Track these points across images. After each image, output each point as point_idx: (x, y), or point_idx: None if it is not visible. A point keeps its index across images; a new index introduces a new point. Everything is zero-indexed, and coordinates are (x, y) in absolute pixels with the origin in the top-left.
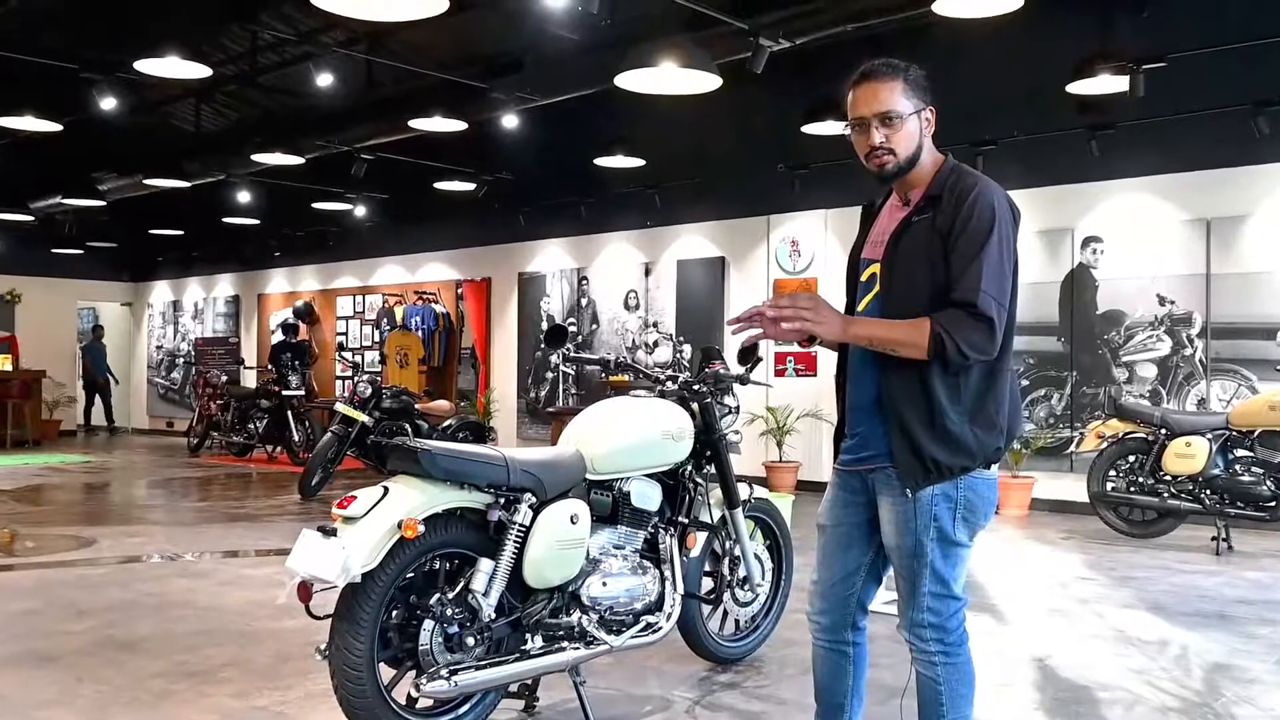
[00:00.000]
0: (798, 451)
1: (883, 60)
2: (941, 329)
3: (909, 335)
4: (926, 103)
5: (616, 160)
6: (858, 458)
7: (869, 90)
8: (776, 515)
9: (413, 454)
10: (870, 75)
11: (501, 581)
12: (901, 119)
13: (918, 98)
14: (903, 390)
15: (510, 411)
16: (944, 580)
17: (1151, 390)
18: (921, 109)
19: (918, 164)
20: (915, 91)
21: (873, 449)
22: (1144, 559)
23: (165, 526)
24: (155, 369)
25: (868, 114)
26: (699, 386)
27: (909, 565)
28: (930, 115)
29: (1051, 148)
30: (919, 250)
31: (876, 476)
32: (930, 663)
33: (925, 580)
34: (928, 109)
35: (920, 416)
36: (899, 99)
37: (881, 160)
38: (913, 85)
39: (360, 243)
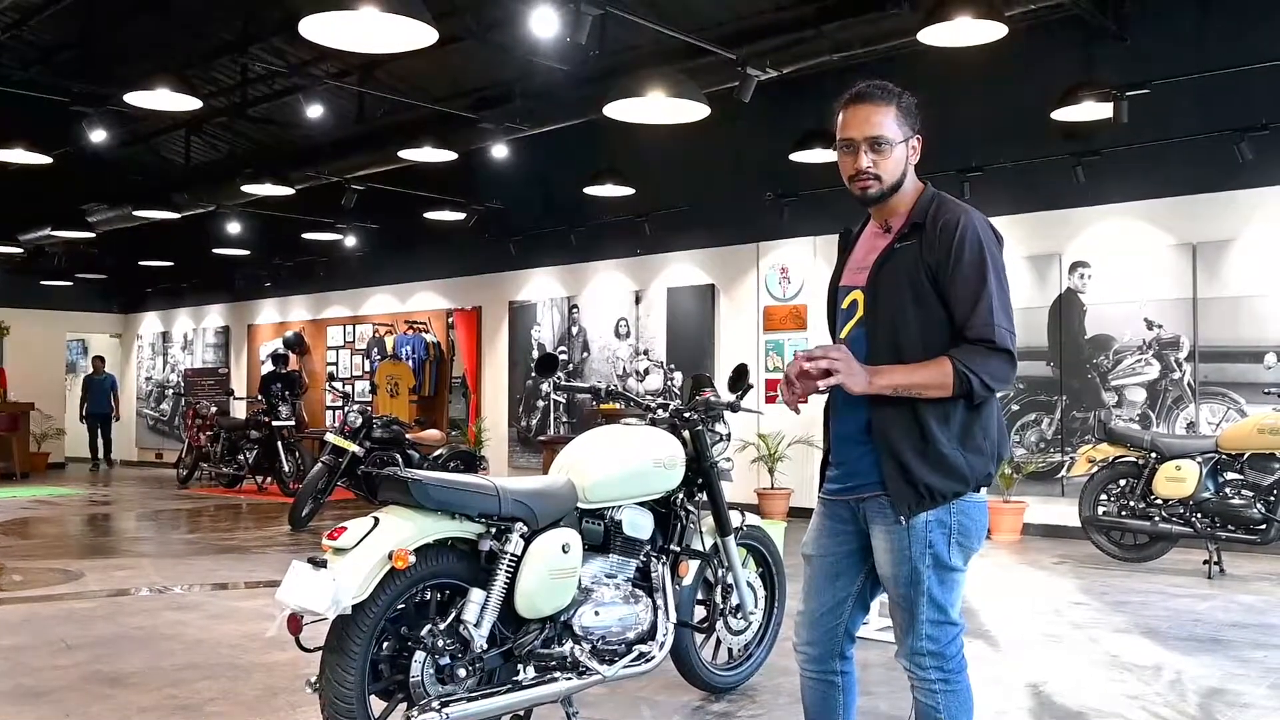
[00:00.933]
0: (789, 478)
1: (877, 83)
2: (964, 367)
3: (934, 377)
4: (915, 130)
5: (606, 189)
6: (845, 486)
7: (862, 112)
8: (769, 542)
9: (404, 484)
10: (864, 97)
11: (493, 612)
12: (891, 145)
13: (908, 125)
14: (894, 418)
15: (501, 440)
16: (941, 607)
17: (1141, 414)
18: (910, 137)
19: (899, 191)
20: (907, 119)
21: (861, 477)
22: (1137, 583)
23: (154, 559)
24: (144, 400)
25: (857, 136)
26: (690, 414)
27: (906, 594)
28: (916, 144)
29: (1038, 174)
30: (903, 277)
31: (868, 506)
32: (930, 690)
33: (923, 608)
34: (915, 137)
35: (912, 443)
36: (890, 125)
37: (866, 184)
38: (905, 112)
39: (350, 273)
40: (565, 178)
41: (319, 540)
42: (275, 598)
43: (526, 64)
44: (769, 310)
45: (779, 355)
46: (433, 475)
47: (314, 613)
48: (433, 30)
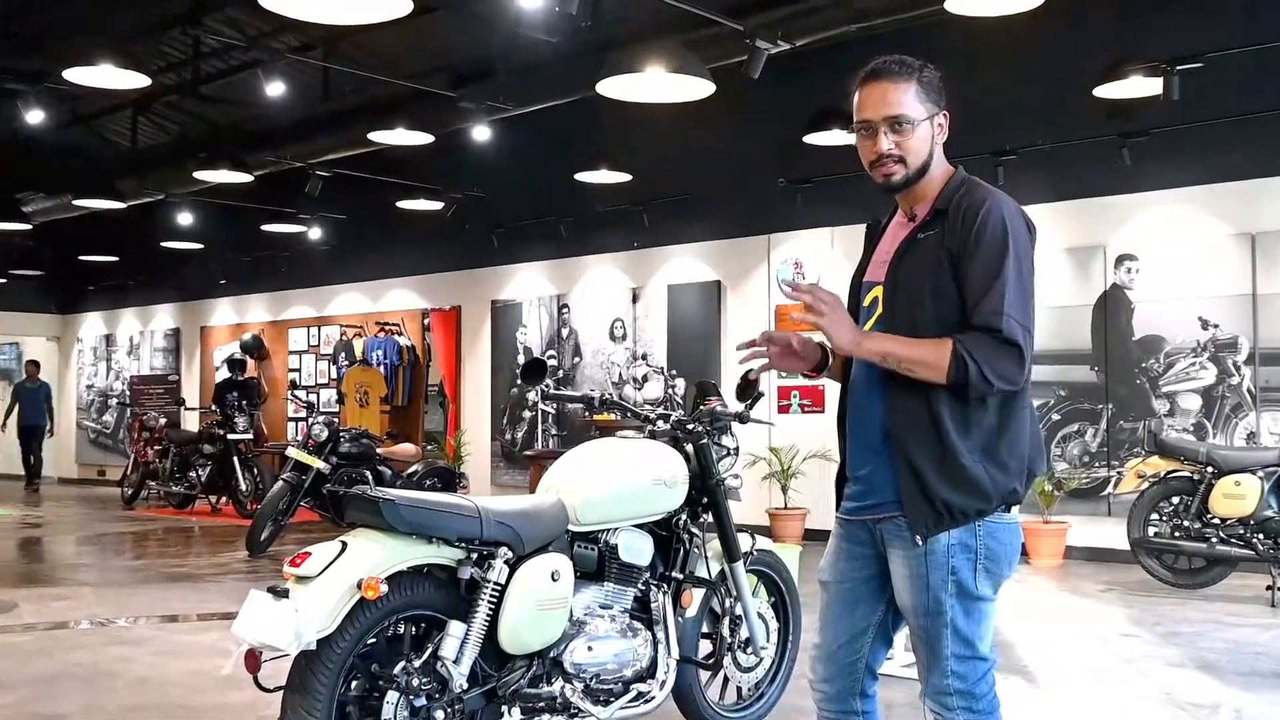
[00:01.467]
0: (804, 497)
1: (895, 57)
2: (965, 351)
3: (928, 355)
4: (940, 107)
5: (600, 175)
6: (863, 505)
7: (878, 90)
8: (782, 569)
9: (374, 504)
10: (880, 74)
11: (474, 647)
12: (913, 125)
13: (931, 101)
14: (910, 425)
15: (483, 455)
16: (968, 640)
17: (1196, 423)
18: (935, 114)
19: (927, 175)
20: (929, 94)
21: (879, 495)
22: (1192, 612)
23: (96, 588)
24: (85, 411)
25: (875, 117)
26: (694, 426)
27: (927, 626)
28: (943, 121)
29: (1079, 158)
30: (923, 270)
31: (884, 527)
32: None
33: (947, 641)
34: (941, 114)
35: (930, 454)
36: (911, 102)
37: (889, 170)
38: (926, 87)
39: (315, 269)
40: (554, 163)
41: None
42: (231, 631)
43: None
44: (781, 310)
45: None
46: (407, 494)
47: (274, 648)
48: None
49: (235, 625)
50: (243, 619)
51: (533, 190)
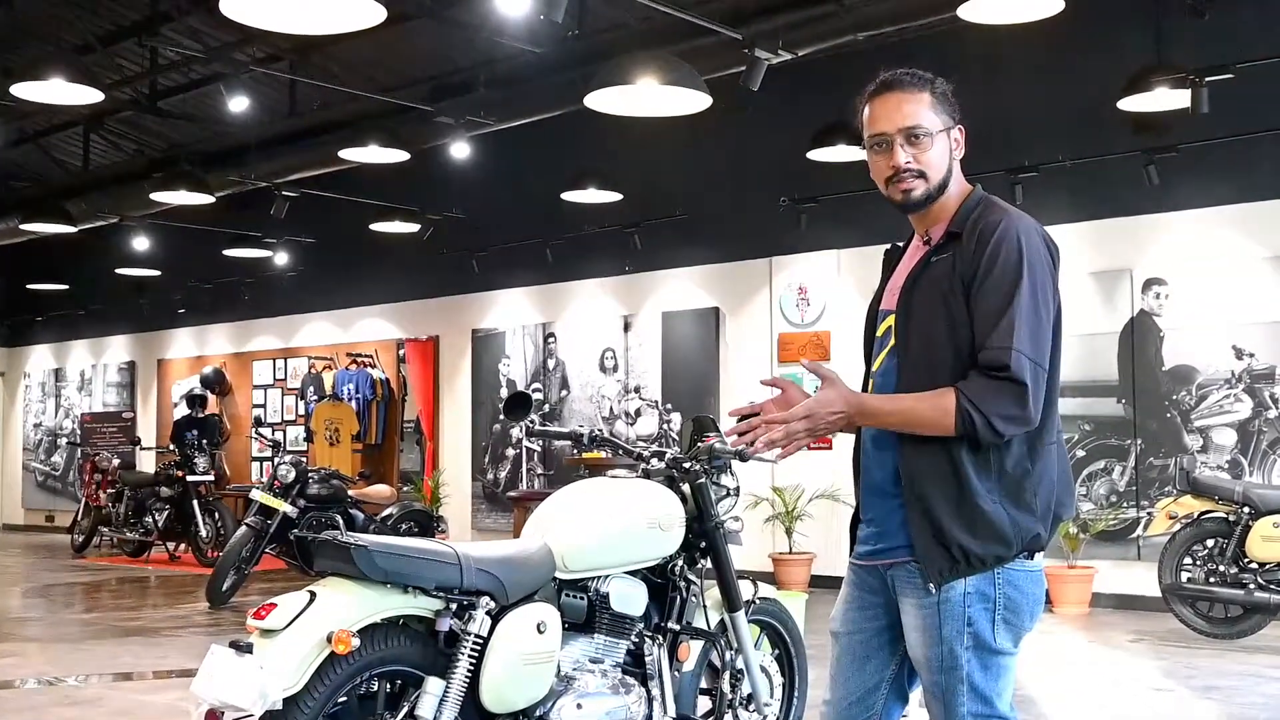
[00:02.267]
0: (811, 540)
1: (905, 69)
2: (969, 402)
3: (930, 413)
4: (955, 120)
5: (589, 195)
6: (874, 549)
7: (891, 102)
8: (786, 619)
9: (345, 551)
10: (892, 85)
11: (454, 706)
12: (930, 136)
13: (947, 113)
14: (924, 464)
15: (464, 497)
16: (985, 697)
17: (1231, 460)
18: (951, 127)
19: (945, 193)
20: (944, 106)
21: (891, 539)
22: (1229, 664)
23: (43, 644)
24: (33, 452)
25: (890, 130)
26: (691, 464)
27: (941, 681)
28: (960, 135)
29: (1103, 174)
30: (935, 297)
31: (896, 573)
32: None
33: (963, 699)
34: (957, 127)
35: (946, 495)
36: (927, 113)
37: (908, 185)
38: (941, 99)
39: (282, 296)
40: (539, 182)
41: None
42: (190, 690)
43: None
44: (785, 338)
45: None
46: (381, 540)
47: (237, 708)
48: (380, 7)
49: (195, 684)
50: (203, 677)
51: (516, 211)
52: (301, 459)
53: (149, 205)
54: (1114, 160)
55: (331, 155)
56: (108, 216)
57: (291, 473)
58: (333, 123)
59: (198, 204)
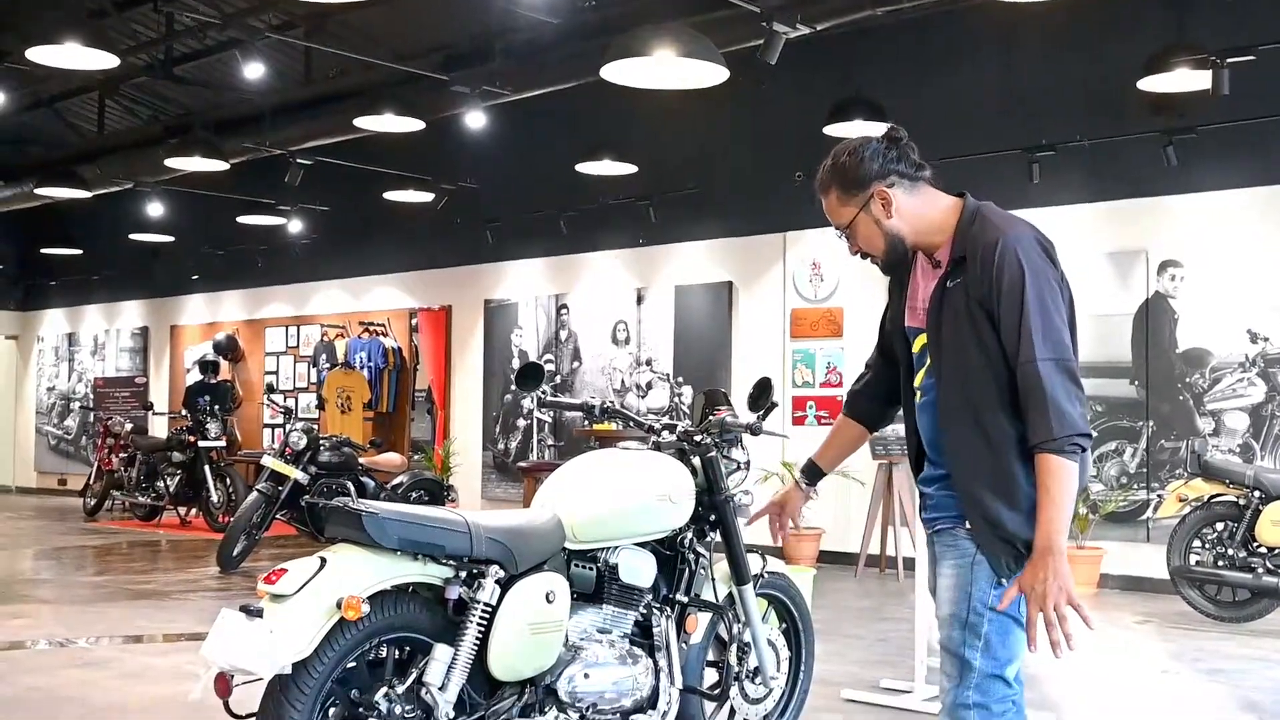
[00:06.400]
0: (820, 516)
1: (823, 166)
2: (1058, 445)
3: (1063, 488)
4: (869, 185)
5: (603, 166)
6: (926, 519)
7: (823, 204)
8: (794, 593)
9: (356, 518)
10: (816, 189)
11: (462, 673)
12: (848, 226)
13: (857, 189)
14: (978, 474)
15: (474, 467)
16: (998, 659)
17: (1242, 444)
18: (866, 199)
19: (915, 232)
20: (850, 185)
21: (941, 510)
22: (1236, 647)
23: (55, 605)
24: (46, 415)
25: (833, 227)
26: (701, 437)
27: (959, 638)
28: (884, 192)
29: (1120, 155)
30: (960, 321)
31: (940, 537)
32: None
33: (977, 657)
34: (874, 190)
35: (1004, 500)
36: (838, 209)
37: (873, 260)
38: (845, 183)
39: (295, 264)
40: (554, 153)
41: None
42: (200, 654)
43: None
44: (797, 313)
45: (809, 367)
46: (391, 508)
47: (246, 672)
48: None
49: (205, 647)
50: (213, 640)
51: (530, 182)
52: (313, 426)
53: (163, 171)
54: (1132, 141)
55: (346, 123)
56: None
57: (303, 440)
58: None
59: (212, 170)
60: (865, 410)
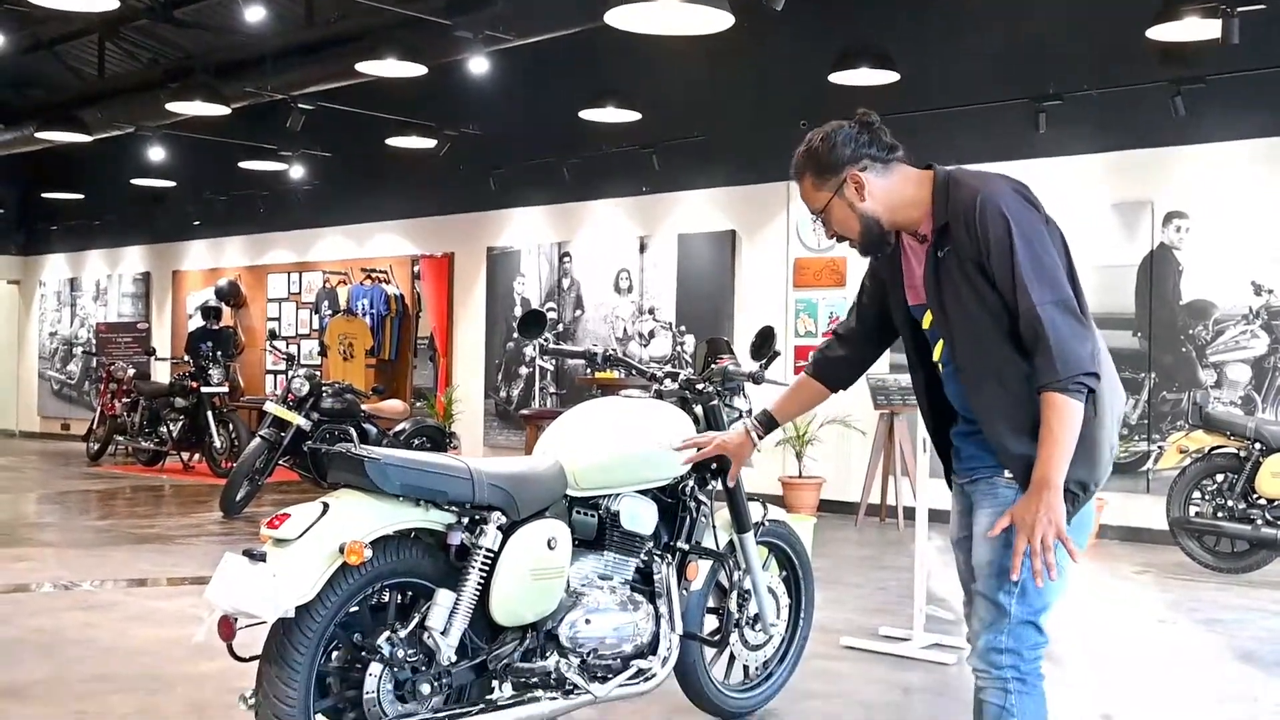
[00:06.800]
0: (821, 466)
1: (797, 151)
2: (1063, 384)
3: (1065, 426)
4: (841, 169)
5: (606, 114)
6: (959, 469)
7: (799, 189)
8: (795, 542)
9: (359, 464)
10: (792, 175)
11: (464, 618)
12: (823, 211)
13: (829, 175)
14: (1009, 424)
15: (476, 414)
16: (1033, 607)
17: (1244, 396)
18: (839, 184)
19: (890, 211)
20: (823, 170)
21: (971, 462)
22: (1233, 598)
23: (59, 549)
24: (48, 360)
25: (809, 211)
26: (704, 386)
27: (995, 585)
28: (856, 176)
29: (1128, 105)
30: (959, 288)
31: (976, 487)
32: (1003, 690)
33: (1013, 603)
34: (847, 174)
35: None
36: (812, 194)
37: (850, 244)
38: (819, 168)
39: (297, 210)
40: (557, 99)
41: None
42: (204, 597)
43: None
44: (801, 263)
45: (811, 317)
46: (394, 453)
47: (250, 615)
48: None
49: (208, 590)
50: (216, 584)
51: (533, 129)
52: (315, 373)
53: (164, 115)
54: (1140, 90)
55: (348, 68)
56: (123, 126)
57: (305, 386)
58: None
59: (213, 115)
60: (830, 374)
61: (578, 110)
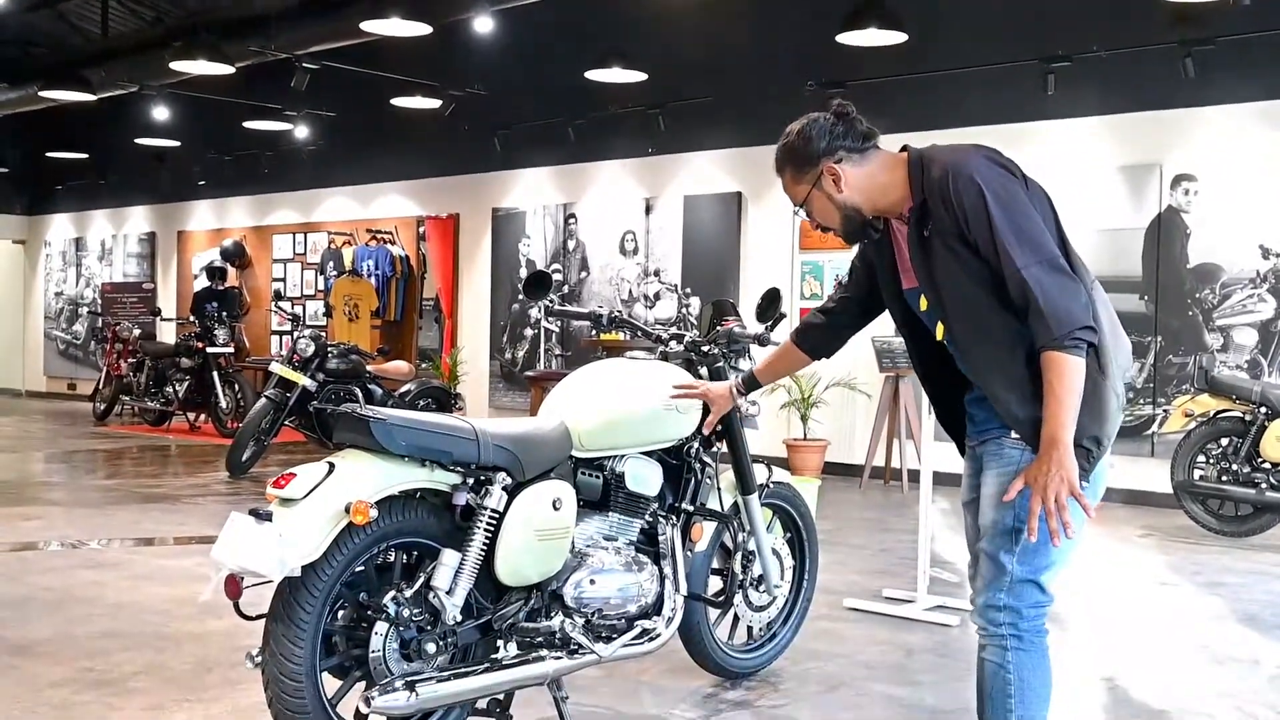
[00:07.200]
0: (826, 428)
1: (778, 145)
2: (1059, 340)
3: (1067, 383)
4: (817, 163)
5: (613, 74)
6: (972, 431)
7: (781, 183)
8: (799, 504)
9: (364, 424)
10: (775, 168)
11: (469, 578)
12: (807, 203)
13: (808, 168)
14: (1010, 389)
15: (481, 375)
16: (1035, 566)
17: (1250, 360)
18: (816, 176)
19: (869, 199)
20: (802, 163)
21: (981, 424)
22: (1236, 561)
23: (66, 508)
24: (54, 320)
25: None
26: (709, 348)
27: (1000, 543)
28: (832, 168)
29: (1137, 66)
30: (947, 264)
31: (986, 449)
32: (1001, 647)
33: (1014, 563)
34: (823, 167)
35: (1042, 406)
36: (792, 187)
37: (834, 234)
38: (796, 162)
39: (302, 170)
40: (563, 59)
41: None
42: (210, 556)
43: None
44: (807, 225)
45: (817, 279)
46: (399, 414)
47: (256, 574)
48: None
49: (215, 549)
50: (223, 543)
51: (539, 89)
52: (320, 334)
53: (168, 74)
54: (1150, 52)
55: (353, 27)
56: (127, 85)
57: (311, 347)
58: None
59: (217, 74)
60: (815, 343)
61: (583, 70)
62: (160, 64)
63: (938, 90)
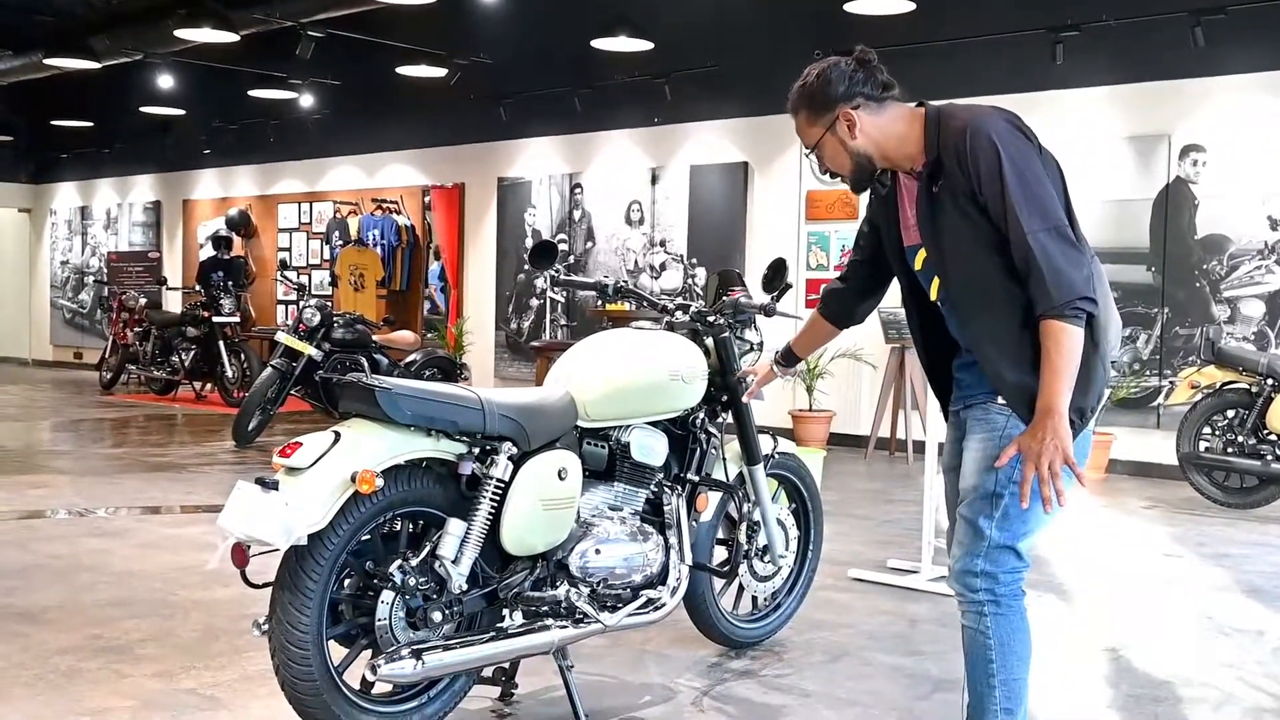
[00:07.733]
0: (831, 399)
1: (794, 88)
2: (1059, 309)
3: (1065, 353)
4: (835, 106)
5: (619, 43)
6: (957, 396)
7: (795, 124)
8: (804, 474)
9: (370, 393)
10: (789, 109)
11: (474, 547)
12: (820, 147)
13: (824, 111)
14: (1003, 353)
15: (487, 345)
16: (1012, 531)
17: (1257, 332)
18: (832, 120)
19: (882, 149)
20: (818, 106)
21: (968, 389)
22: (1241, 533)
23: (73, 476)
24: (60, 289)
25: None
26: (715, 318)
27: (978, 507)
28: (849, 114)
29: (1147, 35)
30: (954, 223)
31: (971, 413)
32: (979, 614)
33: (992, 528)
34: (839, 112)
35: (1033, 372)
36: (806, 129)
37: (844, 179)
38: (813, 104)
39: (307, 139)
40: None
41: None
42: (217, 524)
43: None
44: (813, 195)
45: (823, 250)
46: (405, 383)
47: (263, 543)
48: None
49: (221, 518)
50: (229, 511)
51: (544, 58)
52: (326, 303)
53: (173, 42)
54: (1159, 21)
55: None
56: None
57: (317, 316)
58: None
59: (222, 42)
60: (835, 311)
61: (589, 39)
62: (165, 32)
63: (945, 59)
